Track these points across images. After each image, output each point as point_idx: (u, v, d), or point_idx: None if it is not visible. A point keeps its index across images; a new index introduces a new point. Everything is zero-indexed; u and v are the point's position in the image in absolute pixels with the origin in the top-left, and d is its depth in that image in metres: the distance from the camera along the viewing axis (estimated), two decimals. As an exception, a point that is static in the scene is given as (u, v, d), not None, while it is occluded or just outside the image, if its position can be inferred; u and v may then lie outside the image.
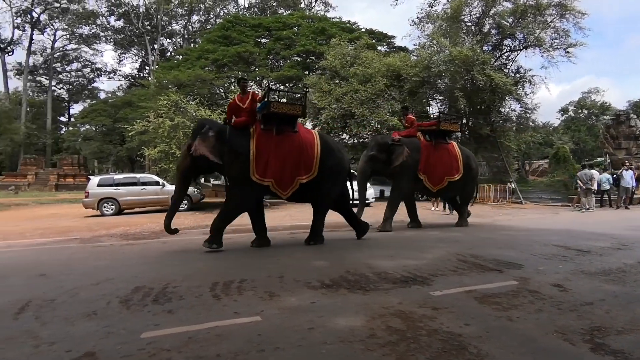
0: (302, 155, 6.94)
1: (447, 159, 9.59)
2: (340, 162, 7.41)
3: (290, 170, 6.83)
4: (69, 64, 43.75)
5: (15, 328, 3.38)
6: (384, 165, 9.12)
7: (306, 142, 7.04)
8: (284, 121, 6.92)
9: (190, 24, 41.99)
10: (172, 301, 4.06)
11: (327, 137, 7.85)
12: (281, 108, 6.85)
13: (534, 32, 19.37)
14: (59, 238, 8.55)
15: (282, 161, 6.76)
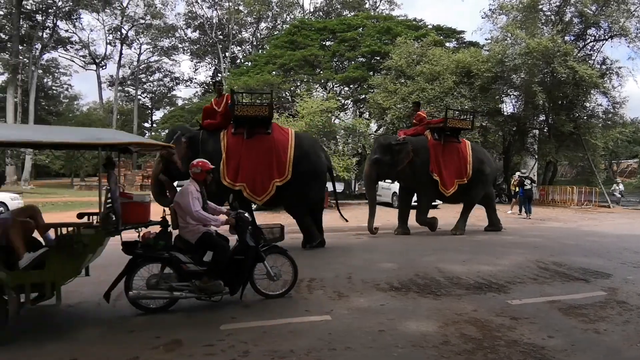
0: (275, 158, 6.57)
1: (455, 160, 8.66)
2: (316, 164, 6.83)
3: (262, 173, 6.52)
4: (151, 74, 47.78)
5: (114, 314, 3.78)
6: (389, 167, 8.52)
7: (279, 144, 6.67)
8: (257, 123, 6.68)
9: (258, 31, 43.75)
10: (246, 296, 4.26)
11: (304, 137, 7.38)
12: (246, 111, 6.64)
13: (618, 21, 17.50)
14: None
15: (254, 164, 6.51)
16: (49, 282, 3.26)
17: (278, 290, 4.23)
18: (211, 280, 3.76)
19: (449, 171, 8.53)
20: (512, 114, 20.63)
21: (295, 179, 6.59)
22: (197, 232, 3.87)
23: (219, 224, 3.91)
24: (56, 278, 3.29)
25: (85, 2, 33.39)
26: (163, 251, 3.77)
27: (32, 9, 32.58)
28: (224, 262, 3.82)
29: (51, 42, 35.23)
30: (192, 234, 3.87)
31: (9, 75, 31.79)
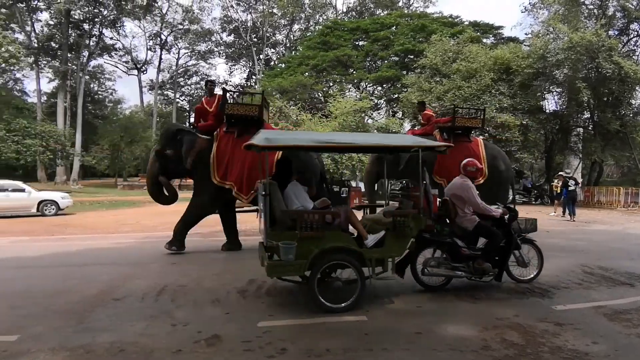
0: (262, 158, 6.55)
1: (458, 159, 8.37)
2: (305, 164, 6.68)
3: (249, 173, 6.51)
4: (189, 78, 49.40)
5: (157, 308, 3.94)
6: (391, 166, 8.18)
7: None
8: (249, 123, 6.66)
9: (291, 33, 44.23)
10: (282, 295, 4.34)
11: None
12: (236, 110, 6.66)
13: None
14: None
15: (242, 164, 6.52)
16: (387, 258, 4.01)
17: (527, 276, 4.73)
18: (484, 263, 4.35)
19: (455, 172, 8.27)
20: (554, 111, 19.78)
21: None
22: (473, 221, 4.46)
23: (498, 214, 4.49)
24: (392, 254, 4.05)
25: (128, 10, 34.94)
26: (446, 236, 4.37)
27: (79, 18, 34.41)
28: (497, 248, 4.40)
29: (97, 49, 37.14)
30: (470, 222, 4.46)
31: (59, 82, 33.79)
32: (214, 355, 2.92)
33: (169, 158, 6.77)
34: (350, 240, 3.95)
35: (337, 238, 3.86)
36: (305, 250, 3.69)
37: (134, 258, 6.54)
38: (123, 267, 5.90)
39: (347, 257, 3.82)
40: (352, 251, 3.85)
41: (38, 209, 13.60)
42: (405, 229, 4.03)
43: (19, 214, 13.44)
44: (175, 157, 6.72)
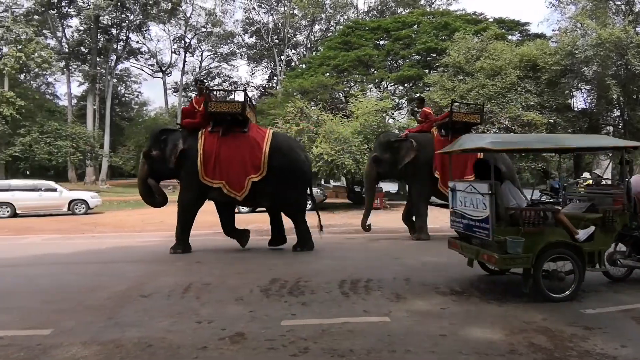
0: (250, 155, 6.62)
1: (463, 157, 7.76)
2: (293, 162, 6.77)
3: (238, 170, 6.59)
4: (212, 79, 50.16)
5: (182, 306, 4.03)
6: (390, 166, 8.12)
7: (255, 141, 6.70)
8: (234, 122, 6.73)
9: (312, 33, 44.31)
10: (305, 294, 4.36)
11: (282, 137, 7.39)
12: (219, 107, 6.69)
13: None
14: (205, 231, 9.84)
15: (229, 162, 6.59)
16: (596, 251, 4.27)
17: None
18: None
19: (455, 169, 7.89)
20: (583, 109, 19.14)
21: (272, 175, 6.61)
22: None
23: None
24: (601, 247, 4.32)
25: (153, 14, 35.78)
26: (634, 230, 4.55)
27: (108, 23, 35.50)
28: None
29: (124, 53, 38.17)
30: None
31: (89, 85, 34.92)
32: (238, 352, 2.96)
33: (156, 159, 6.87)
34: (566, 235, 4.23)
35: (555, 233, 4.21)
36: (529, 244, 4.00)
37: (159, 256, 6.71)
38: (150, 265, 6.06)
39: (567, 250, 4.14)
40: (571, 245, 4.17)
41: (69, 208, 14.13)
42: (613, 224, 4.35)
43: (51, 212, 13.98)
44: (161, 158, 6.82)
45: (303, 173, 6.95)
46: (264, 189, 6.69)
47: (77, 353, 2.94)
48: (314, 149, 14.91)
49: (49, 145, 24.61)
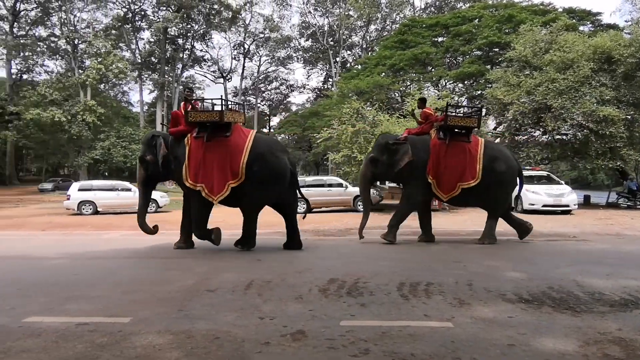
0: (231, 161, 6.78)
1: (461, 161, 7.63)
2: (272, 167, 6.85)
3: (219, 175, 6.76)
4: (269, 83, 51.73)
5: (245, 301, 4.19)
6: (386, 167, 7.90)
7: (236, 147, 6.84)
8: (217, 128, 6.91)
9: (368, 34, 44.09)
10: (363, 295, 4.35)
11: (263, 141, 7.39)
12: (198, 117, 6.93)
13: None
14: (265, 230, 10.15)
15: (211, 166, 6.78)
16: None
17: None
18: None
19: (450, 174, 7.63)
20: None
21: (248, 180, 6.76)
22: None
23: None
24: None
25: (215, 24, 37.64)
26: None
27: (175, 34, 37.88)
28: None
29: (189, 61, 40.53)
30: None
31: (158, 92, 37.50)
32: (299, 350, 3.03)
33: (150, 163, 7.21)
34: None
35: None
36: None
37: (222, 253, 7.04)
38: (213, 261, 6.38)
39: None
40: None
41: (141, 206, 15.23)
42: None
43: (127, 210, 15.19)
44: (154, 162, 7.15)
45: (284, 176, 7.04)
46: (242, 192, 6.89)
47: (153, 341, 3.17)
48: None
49: (124, 148, 26.79)
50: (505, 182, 7.87)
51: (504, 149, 8.81)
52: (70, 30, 33.62)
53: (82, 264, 6.31)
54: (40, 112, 28.54)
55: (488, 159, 7.69)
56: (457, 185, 7.63)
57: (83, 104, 28.14)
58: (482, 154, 7.69)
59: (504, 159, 7.93)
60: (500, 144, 9.90)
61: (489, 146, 8.09)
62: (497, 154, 7.97)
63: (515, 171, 8.08)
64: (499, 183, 7.72)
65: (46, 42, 35.91)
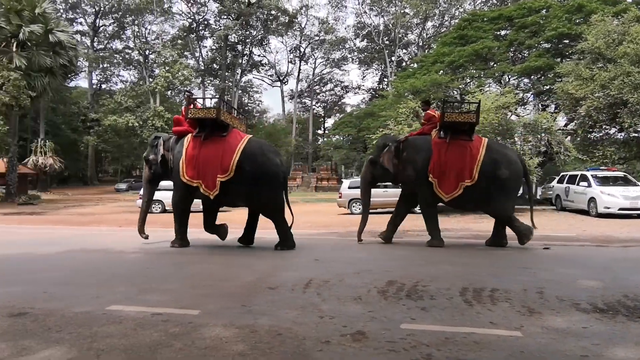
0: (223, 158, 7.11)
1: (461, 159, 7.39)
2: (264, 165, 7.18)
3: (212, 171, 7.11)
4: (324, 85, 52.34)
5: (305, 300, 4.28)
6: (386, 169, 7.86)
7: (229, 146, 7.19)
8: (215, 127, 7.29)
9: (424, 31, 43.05)
10: (423, 299, 4.26)
11: (255, 142, 7.59)
12: (196, 113, 7.37)
13: None
14: (321, 230, 10.29)
15: (206, 163, 7.14)
16: None
17: None
18: None
19: (451, 173, 7.41)
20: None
21: (244, 178, 7.07)
22: None
23: None
24: None
25: (273, 29, 38.72)
26: None
27: (234, 41, 39.53)
28: None
29: (247, 66, 42.07)
30: None
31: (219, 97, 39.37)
32: (360, 350, 3.03)
33: (153, 162, 7.74)
34: None
35: None
36: None
37: (280, 252, 7.23)
38: (274, 259, 6.58)
39: None
40: None
41: (204, 206, 16.04)
42: None
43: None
44: (157, 161, 7.67)
45: (274, 175, 7.28)
46: (238, 191, 7.23)
47: (220, 333, 3.34)
48: None
49: (188, 151, 28.35)
50: (508, 188, 7.50)
51: (508, 150, 8.43)
52: (142, 42, 36.35)
53: (154, 259, 6.80)
54: (116, 118, 31.17)
55: (489, 162, 7.38)
56: (459, 184, 7.39)
57: (153, 110, 30.28)
58: (482, 155, 7.42)
59: (507, 163, 7.50)
60: (505, 145, 9.48)
61: (492, 148, 7.66)
62: (500, 157, 7.55)
63: (520, 174, 7.69)
64: (501, 188, 7.38)
65: (121, 54, 39.16)
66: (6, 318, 3.67)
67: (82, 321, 3.60)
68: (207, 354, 2.96)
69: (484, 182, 7.29)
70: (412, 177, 7.72)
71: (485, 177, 7.29)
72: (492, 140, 8.73)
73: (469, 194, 7.38)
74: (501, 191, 7.40)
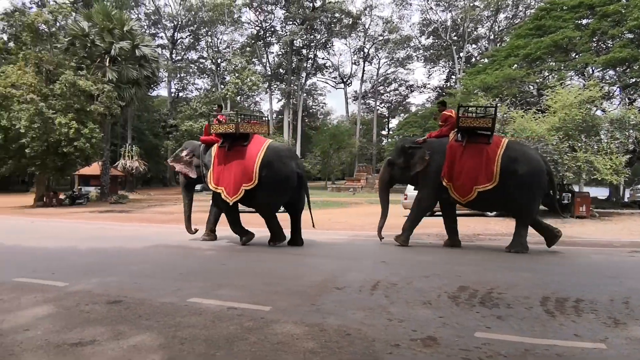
0: (245, 167, 7.69)
1: (477, 163, 7.29)
2: (277, 172, 7.63)
3: (235, 179, 7.71)
4: (388, 85, 51.59)
5: (372, 301, 4.27)
6: (402, 171, 8.05)
7: (250, 154, 7.76)
8: (238, 138, 7.93)
9: (496, 24, 40.73)
10: (499, 307, 4.05)
11: (273, 149, 7.93)
12: (218, 128, 8.05)
13: None
14: (387, 232, 10.15)
15: (229, 172, 7.81)
16: None
17: None
18: None
19: (464, 176, 7.33)
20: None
21: (260, 184, 7.61)
22: None
23: None
24: None
25: (336, 31, 39.05)
26: None
27: (299, 45, 40.49)
28: None
29: (312, 70, 42.83)
30: None
31: (285, 101, 40.54)
32: (432, 356, 2.96)
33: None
34: None
35: None
36: None
37: (347, 253, 7.29)
38: (340, 260, 6.64)
39: None
40: None
41: (272, 206, 16.64)
42: None
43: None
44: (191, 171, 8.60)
45: (290, 179, 7.77)
46: (256, 195, 7.79)
47: (291, 330, 3.45)
48: None
49: (256, 154, 29.62)
50: (527, 185, 7.16)
51: (528, 149, 8.06)
52: (215, 51, 38.63)
53: (228, 256, 7.20)
54: (192, 124, 33.43)
55: (507, 160, 7.21)
56: (474, 188, 7.29)
57: (224, 115, 32.04)
58: (501, 155, 7.25)
59: (526, 160, 7.26)
60: (526, 144, 9.16)
61: (510, 147, 7.47)
62: (518, 155, 7.34)
63: (541, 173, 7.30)
64: (519, 186, 7.14)
65: (196, 64, 41.93)
66: (105, 305, 4.12)
67: (167, 311, 3.93)
68: (279, 349, 3.08)
69: (502, 182, 7.16)
70: (422, 179, 7.84)
71: (503, 176, 7.14)
72: (512, 140, 8.56)
73: (489, 196, 7.28)
74: (521, 190, 7.17)
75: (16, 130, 17.53)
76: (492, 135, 7.52)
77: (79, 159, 20.10)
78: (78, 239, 9.22)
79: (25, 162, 19.19)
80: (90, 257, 7.02)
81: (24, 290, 4.64)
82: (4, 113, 17.76)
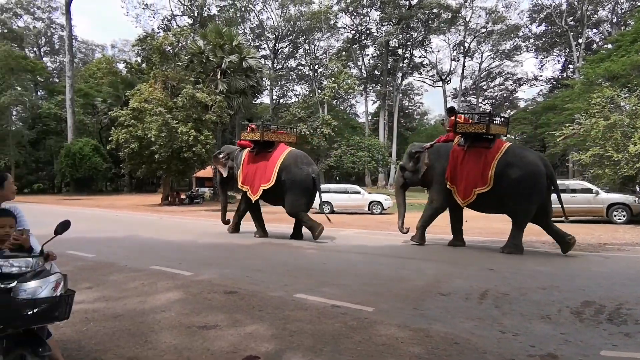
0: (266, 169, 9.02)
1: (476, 167, 7.58)
2: (295, 175, 8.86)
3: (258, 180, 9.08)
4: (492, 80, 47.93)
5: (481, 311, 4.04)
6: (412, 174, 8.57)
7: (272, 159, 9.09)
8: (264, 145, 9.38)
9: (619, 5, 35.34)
10: (627, 324, 3.57)
11: (291, 156, 9.15)
12: (246, 136, 9.70)
13: None
14: (493, 238, 9.47)
15: (254, 173, 9.20)
16: None
17: None
18: None
19: (467, 180, 7.67)
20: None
21: (278, 185, 8.89)
22: None
23: None
24: None
25: (434, 27, 37.65)
26: None
27: (395, 45, 39.90)
28: None
29: (408, 69, 41.88)
30: None
31: (380, 102, 40.29)
32: (553, 374, 2.72)
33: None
34: None
35: None
36: None
37: (447, 258, 7.01)
38: (442, 265, 6.42)
39: None
40: None
41: (368, 208, 16.75)
42: None
43: (356, 211, 16.94)
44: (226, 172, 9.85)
45: (305, 182, 8.88)
46: (277, 195, 9.08)
47: (395, 333, 3.45)
48: (630, 147, 11.85)
49: (352, 155, 30.01)
50: (521, 188, 7.27)
51: (528, 153, 7.96)
52: (312, 58, 40.05)
53: (329, 255, 7.43)
54: (291, 129, 35.05)
55: (503, 165, 7.43)
56: (473, 191, 7.61)
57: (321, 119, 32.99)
58: (498, 159, 7.48)
59: (522, 164, 7.38)
60: (528, 149, 9.26)
61: (509, 152, 7.61)
62: (515, 159, 7.46)
63: (538, 177, 7.30)
64: (514, 189, 7.31)
65: (295, 71, 43.92)
66: (223, 294, 4.58)
67: (276, 304, 4.22)
68: (384, 351, 3.10)
69: (496, 185, 7.40)
70: (428, 180, 8.30)
71: (498, 179, 7.38)
72: (514, 145, 8.49)
73: (486, 198, 7.54)
74: (516, 193, 7.29)
75: (148, 139, 20.29)
76: (494, 140, 7.78)
77: (196, 162, 22.48)
78: (197, 233, 10.37)
79: (155, 167, 22.09)
80: (208, 250, 7.85)
81: (159, 276, 5.38)
82: (139, 124, 20.70)
